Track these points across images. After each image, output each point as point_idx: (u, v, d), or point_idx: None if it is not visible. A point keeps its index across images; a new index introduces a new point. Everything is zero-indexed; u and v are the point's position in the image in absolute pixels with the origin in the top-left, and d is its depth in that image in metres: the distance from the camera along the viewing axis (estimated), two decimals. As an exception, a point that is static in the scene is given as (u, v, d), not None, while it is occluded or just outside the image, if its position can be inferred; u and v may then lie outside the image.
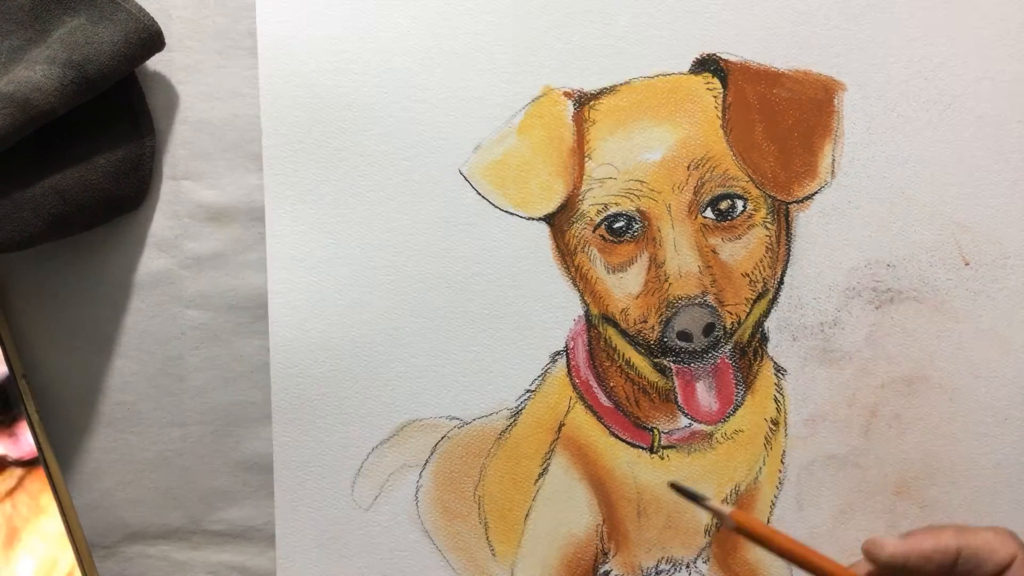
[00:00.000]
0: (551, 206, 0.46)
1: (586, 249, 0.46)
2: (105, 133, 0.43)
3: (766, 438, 0.47)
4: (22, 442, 0.43)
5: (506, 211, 0.46)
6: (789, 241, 0.47)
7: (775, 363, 0.47)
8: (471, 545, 0.46)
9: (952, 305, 0.47)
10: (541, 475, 0.46)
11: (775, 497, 0.47)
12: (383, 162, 0.45)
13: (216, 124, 0.45)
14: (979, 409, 0.47)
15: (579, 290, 0.46)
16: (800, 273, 0.47)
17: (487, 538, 0.46)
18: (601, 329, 0.46)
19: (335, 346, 0.45)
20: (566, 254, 0.46)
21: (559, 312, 0.46)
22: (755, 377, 0.46)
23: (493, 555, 0.46)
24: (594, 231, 0.46)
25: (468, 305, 0.46)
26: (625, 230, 0.46)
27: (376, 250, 0.46)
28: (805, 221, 0.47)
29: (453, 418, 0.46)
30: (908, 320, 0.47)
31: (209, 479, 0.46)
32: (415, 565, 0.46)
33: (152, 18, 0.43)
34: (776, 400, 0.47)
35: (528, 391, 0.46)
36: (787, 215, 0.46)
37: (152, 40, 0.43)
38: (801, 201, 0.46)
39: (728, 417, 0.46)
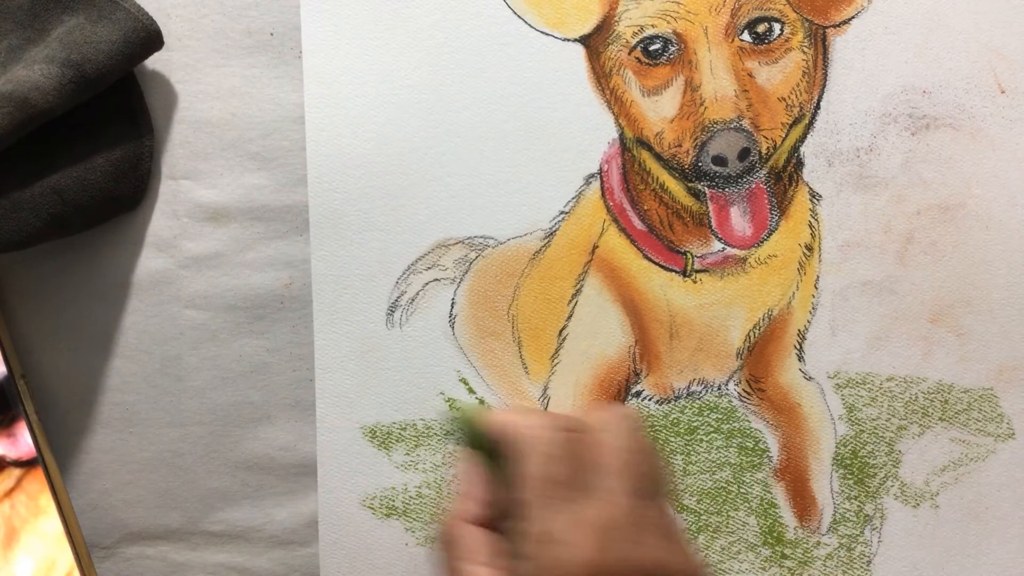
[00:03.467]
0: (587, 27, 0.46)
1: (621, 71, 0.46)
2: (104, 132, 0.43)
3: (800, 263, 0.47)
4: (21, 442, 0.43)
5: (542, 31, 0.46)
6: (826, 66, 0.46)
7: (810, 188, 0.46)
8: (504, 363, 0.46)
9: (988, 132, 0.46)
10: (575, 296, 0.46)
11: (808, 323, 0.47)
12: (420, -22, 0.46)
13: (215, 123, 0.46)
14: (1016, 237, 0.47)
15: (614, 113, 0.46)
16: (836, 98, 0.46)
17: (520, 356, 0.46)
18: (635, 152, 0.46)
19: (370, 163, 0.46)
20: (601, 76, 0.46)
21: (593, 134, 0.46)
22: (790, 202, 0.46)
23: (526, 373, 0.46)
24: (630, 53, 0.46)
25: (503, 125, 0.46)
26: (661, 52, 0.46)
27: (412, 69, 0.46)
28: (842, 46, 0.46)
29: (487, 237, 0.46)
30: (944, 147, 0.46)
31: (208, 480, 0.46)
32: (449, 380, 0.46)
33: (151, 17, 0.43)
34: (811, 225, 0.47)
35: (562, 212, 0.46)
36: (824, 39, 0.46)
37: (151, 39, 0.43)
38: (838, 25, 0.46)
39: (762, 242, 0.46)
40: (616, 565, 0.33)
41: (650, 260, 0.46)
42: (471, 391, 0.46)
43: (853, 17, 0.46)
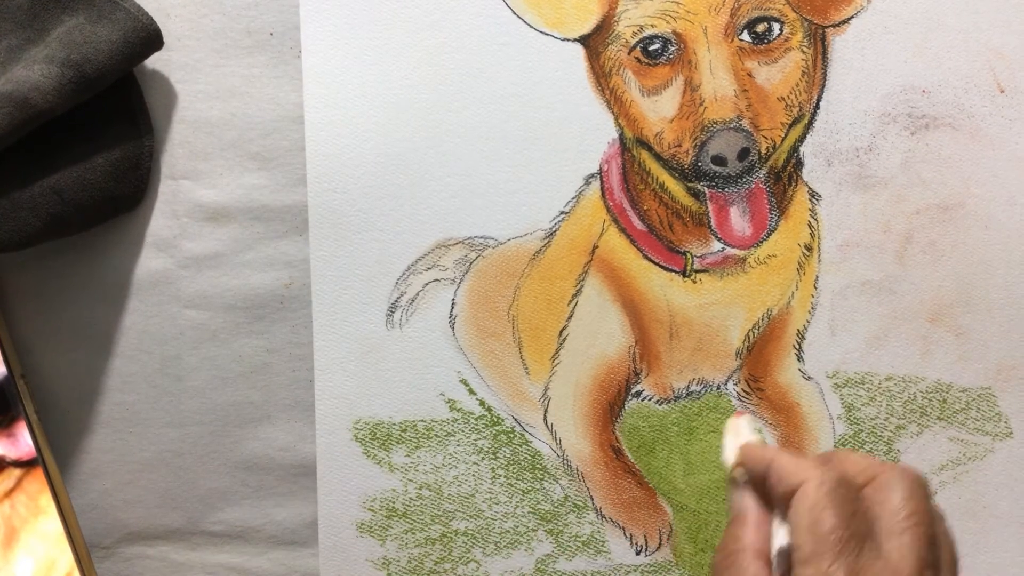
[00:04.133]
0: (586, 27, 0.46)
1: (621, 71, 0.46)
2: (104, 132, 0.43)
3: (799, 263, 0.47)
4: (21, 442, 0.43)
5: (541, 31, 0.46)
6: (825, 65, 0.46)
7: (810, 188, 0.47)
8: (505, 363, 0.46)
9: (987, 132, 0.47)
10: (575, 296, 0.46)
11: (807, 322, 0.47)
12: (420, -22, 0.46)
13: (215, 123, 0.45)
14: (1015, 237, 0.47)
15: (613, 113, 0.46)
16: (836, 98, 0.46)
17: (521, 357, 0.46)
18: (635, 152, 0.46)
19: (370, 163, 0.46)
20: (601, 76, 0.46)
21: (593, 135, 0.46)
22: (789, 202, 0.46)
23: (527, 373, 0.46)
24: (629, 53, 0.46)
25: (503, 126, 0.46)
26: (660, 52, 0.46)
27: (412, 68, 0.46)
28: (841, 45, 0.46)
29: (487, 237, 0.46)
30: (943, 146, 0.47)
31: (208, 480, 0.46)
32: (449, 381, 0.46)
33: (151, 17, 0.43)
34: (810, 225, 0.47)
35: (562, 212, 0.46)
36: (823, 39, 0.46)
37: (151, 39, 0.43)
38: (837, 25, 0.46)
39: (761, 242, 0.46)
40: None
41: (650, 260, 0.46)
42: (472, 392, 0.46)
43: (852, 17, 0.46)
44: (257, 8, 0.45)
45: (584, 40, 0.46)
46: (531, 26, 0.46)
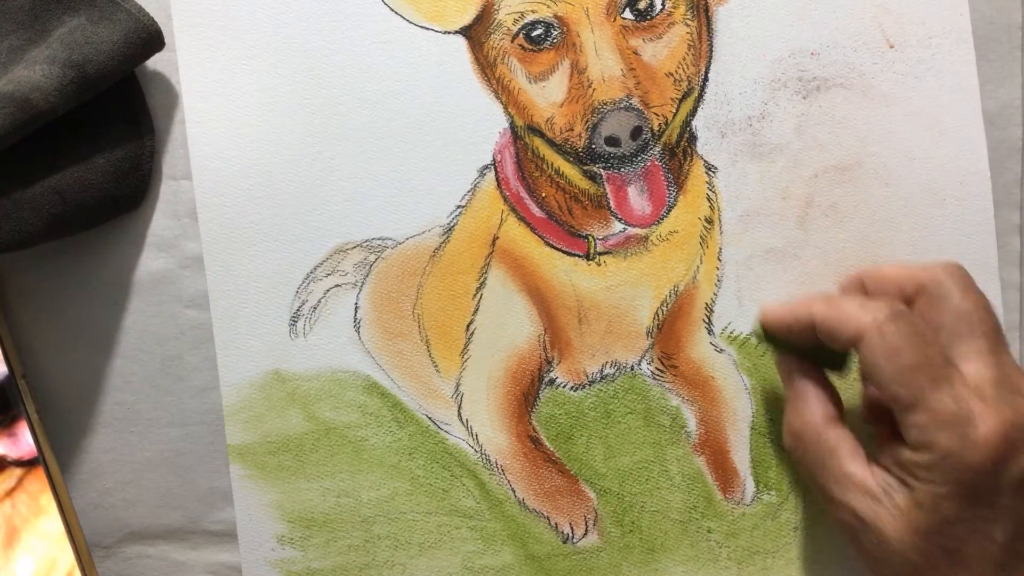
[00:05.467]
0: (466, 18, 0.45)
1: (506, 60, 0.46)
2: (105, 133, 0.43)
3: (701, 237, 0.46)
4: (22, 442, 0.43)
5: (421, 26, 0.46)
6: (711, 37, 0.46)
7: (705, 161, 0.46)
8: (414, 363, 0.46)
9: (880, 89, 0.46)
10: (479, 289, 0.46)
11: (715, 295, 0.46)
12: (292, -17, 0.45)
13: None
14: (916, 192, 0.47)
15: (502, 102, 0.46)
16: (724, 69, 0.46)
17: (430, 355, 0.46)
18: (528, 140, 0.46)
19: (258, 174, 0.45)
20: (486, 67, 0.46)
21: (483, 126, 0.46)
22: (686, 177, 0.46)
23: (437, 371, 0.46)
24: (512, 41, 0.45)
25: (390, 124, 0.46)
26: (544, 38, 0.45)
27: (292, 74, 0.45)
28: (725, 15, 0.46)
29: (385, 238, 0.46)
30: (836, 107, 0.46)
31: (209, 479, 0.46)
32: (358, 385, 0.46)
33: (152, 18, 0.43)
34: (709, 198, 0.46)
35: (459, 207, 0.46)
36: (707, 10, 0.46)
37: (152, 40, 0.43)
38: (719, -6, 0.46)
39: (662, 219, 0.46)
40: (1018, 420, 0.34)
41: (552, 247, 0.46)
42: (382, 395, 0.46)
43: (734, -15, 0.46)
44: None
45: (465, 31, 0.46)
46: (410, 21, 0.45)
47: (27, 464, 0.43)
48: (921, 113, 0.46)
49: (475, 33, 0.46)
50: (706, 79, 0.46)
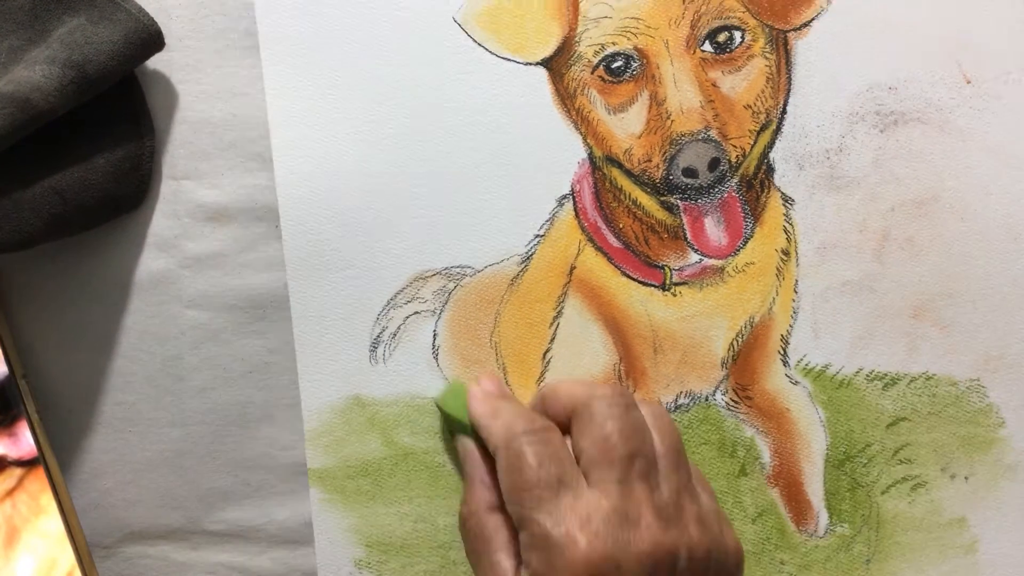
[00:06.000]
0: (548, 50, 0.46)
1: (586, 91, 0.46)
2: (105, 133, 0.43)
3: (778, 268, 0.47)
4: (22, 442, 0.43)
5: (503, 57, 0.46)
6: (789, 70, 0.46)
7: (782, 193, 0.47)
8: (491, 390, 0.46)
9: (956, 124, 0.47)
10: (555, 318, 0.47)
11: (791, 327, 0.47)
12: (376, 14, 0.46)
13: (216, 124, 0.46)
14: (992, 227, 0.47)
15: (581, 133, 0.46)
16: (802, 101, 0.46)
17: (507, 383, 0.46)
18: (606, 171, 0.46)
19: (341, 202, 0.46)
20: (566, 98, 0.46)
21: (563, 156, 0.46)
22: (763, 209, 0.46)
23: (513, 399, 0.46)
24: (592, 72, 0.46)
25: (472, 154, 0.46)
26: (624, 69, 0.46)
27: (376, 105, 0.46)
28: (804, 49, 0.46)
29: (464, 267, 0.46)
30: (913, 142, 0.47)
31: (209, 479, 0.46)
32: (436, 411, 0.46)
33: (152, 18, 0.43)
34: (786, 230, 0.47)
35: (537, 236, 0.46)
36: (786, 44, 0.46)
37: (152, 40, 0.43)
38: (799, 29, 0.46)
39: (738, 250, 0.46)
40: (617, 553, 0.33)
41: (628, 277, 0.47)
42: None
43: (813, 19, 0.46)
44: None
45: (546, 63, 0.46)
46: (492, 53, 0.46)
47: (27, 464, 0.43)
48: (998, 148, 0.46)
49: (556, 64, 0.46)
50: (784, 112, 0.46)
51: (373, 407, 0.46)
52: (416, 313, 0.46)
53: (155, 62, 0.45)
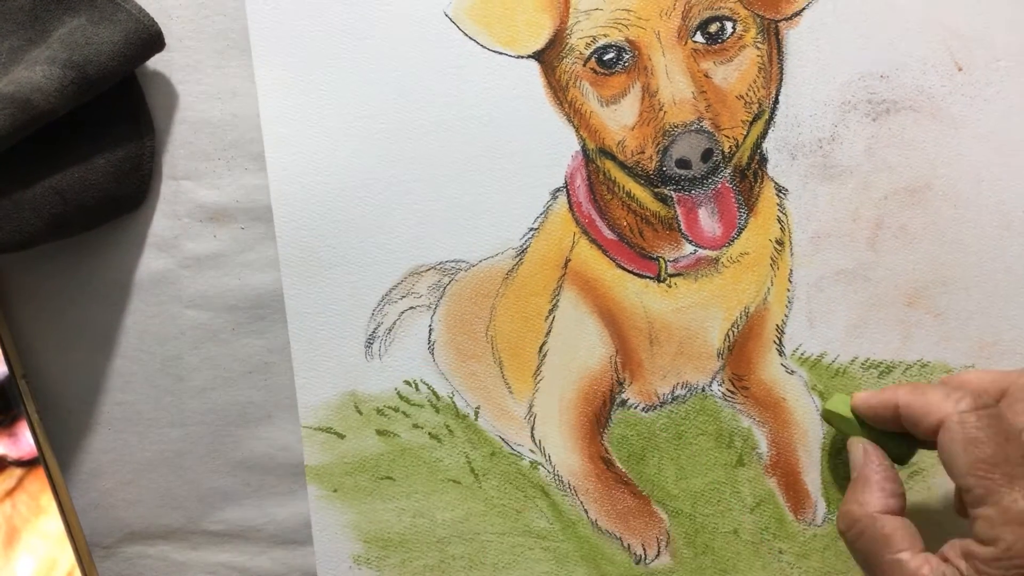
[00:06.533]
0: (539, 43, 0.46)
1: (578, 83, 0.46)
2: (105, 133, 0.44)
3: (772, 258, 0.47)
4: (22, 442, 0.43)
5: (494, 51, 0.46)
6: (781, 60, 0.46)
7: (776, 183, 0.47)
8: (487, 384, 0.46)
9: (949, 112, 0.47)
10: (551, 311, 0.46)
11: (786, 316, 0.47)
12: (366, 9, 0.45)
13: (216, 124, 0.46)
14: (984, 214, 0.47)
15: (574, 125, 0.46)
16: (794, 91, 0.46)
17: (503, 376, 0.46)
18: (599, 163, 0.46)
19: (335, 198, 0.46)
20: (558, 90, 0.46)
21: (556, 149, 0.46)
22: (757, 199, 0.46)
23: (510, 392, 0.46)
24: (584, 65, 0.46)
25: (465, 148, 0.46)
26: (616, 61, 0.46)
27: (367, 100, 0.46)
28: (796, 38, 0.46)
29: (459, 261, 0.46)
30: (906, 130, 0.47)
31: (209, 479, 0.46)
32: (433, 406, 0.46)
33: (152, 18, 0.43)
34: (779, 220, 0.47)
35: (531, 229, 0.46)
36: (777, 33, 0.46)
37: (152, 40, 0.43)
38: (790, 18, 0.46)
39: (732, 241, 0.46)
40: None
41: (623, 268, 0.47)
42: (457, 416, 0.46)
43: (804, 9, 0.46)
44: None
45: (538, 56, 0.46)
46: (484, 46, 0.46)
47: (27, 464, 0.43)
48: (990, 135, 0.47)
49: (548, 57, 0.46)
50: (776, 102, 0.46)
51: (369, 403, 0.46)
52: (411, 308, 0.46)
53: (155, 62, 0.45)
